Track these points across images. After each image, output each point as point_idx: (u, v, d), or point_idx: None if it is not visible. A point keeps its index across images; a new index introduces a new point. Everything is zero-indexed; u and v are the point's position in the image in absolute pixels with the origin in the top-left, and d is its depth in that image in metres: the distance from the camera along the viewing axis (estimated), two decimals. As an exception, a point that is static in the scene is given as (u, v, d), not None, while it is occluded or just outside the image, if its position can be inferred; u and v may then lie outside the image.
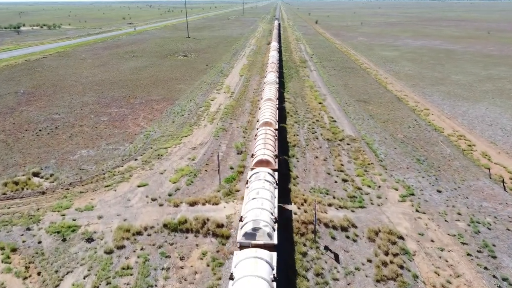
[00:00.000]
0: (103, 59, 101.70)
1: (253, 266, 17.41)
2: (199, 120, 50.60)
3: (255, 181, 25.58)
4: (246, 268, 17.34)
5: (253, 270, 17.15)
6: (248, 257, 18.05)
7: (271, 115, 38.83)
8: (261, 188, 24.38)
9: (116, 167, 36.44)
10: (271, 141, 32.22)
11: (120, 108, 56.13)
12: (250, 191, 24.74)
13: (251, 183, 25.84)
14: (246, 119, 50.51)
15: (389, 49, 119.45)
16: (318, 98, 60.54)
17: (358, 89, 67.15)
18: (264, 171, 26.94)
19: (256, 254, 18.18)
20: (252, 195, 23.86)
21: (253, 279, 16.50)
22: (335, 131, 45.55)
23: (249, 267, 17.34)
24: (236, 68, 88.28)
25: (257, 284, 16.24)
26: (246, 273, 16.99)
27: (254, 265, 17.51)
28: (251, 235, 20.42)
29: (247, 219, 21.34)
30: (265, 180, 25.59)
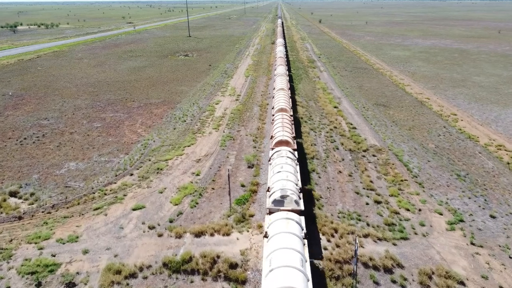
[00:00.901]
0: (100, 59, 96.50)
1: (286, 225, 19.30)
2: (203, 126, 45.39)
3: (278, 158, 27.41)
4: (279, 226, 19.23)
5: (286, 227, 19.03)
6: (280, 218, 20.01)
7: (285, 103, 40.92)
8: (284, 164, 26.04)
9: (108, 184, 31.20)
10: (288, 124, 34.43)
11: (115, 113, 50.90)
12: (274, 166, 26.48)
13: (274, 160, 27.56)
14: (256, 126, 45.27)
15: (399, 48, 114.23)
16: (332, 101, 55.30)
17: (374, 91, 61.91)
18: (285, 149, 28.85)
19: (288, 216, 20.13)
20: (276, 169, 25.65)
21: (287, 235, 18.35)
22: (357, 140, 40.28)
23: (282, 226, 19.25)
24: (240, 68, 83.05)
25: (290, 239, 18.04)
26: (279, 230, 18.89)
27: (286, 224, 19.39)
28: (280, 202, 22.31)
29: (274, 188, 23.30)
30: (287, 157, 27.26)
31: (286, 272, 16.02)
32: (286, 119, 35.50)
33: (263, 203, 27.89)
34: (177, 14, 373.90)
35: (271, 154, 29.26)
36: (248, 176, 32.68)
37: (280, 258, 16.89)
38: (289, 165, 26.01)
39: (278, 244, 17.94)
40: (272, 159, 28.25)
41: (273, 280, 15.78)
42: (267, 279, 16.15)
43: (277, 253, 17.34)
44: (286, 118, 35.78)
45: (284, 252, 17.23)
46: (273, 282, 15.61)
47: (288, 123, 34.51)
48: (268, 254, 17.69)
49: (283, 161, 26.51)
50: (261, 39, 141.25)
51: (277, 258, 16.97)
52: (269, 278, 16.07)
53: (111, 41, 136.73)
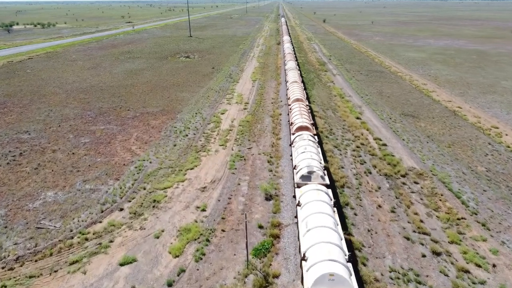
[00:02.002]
0: (96, 61, 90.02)
1: (316, 195, 21.93)
2: (208, 142, 38.91)
3: (300, 141, 29.62)
4: (311, 196, 21.92)
5: (316, 196, 21.70)
6: (311, 189, 22.73)
7: (300, 93, 43.96)
8: (307, 145, 28.38)
9: (91, 224, 24.75)
10: (306, 113, 37.11)
11: (107, 125, 44.43)
12: (297, 148, 28.72)
13: (297, 143, 29.70)
14: (269, 142, 38.79)
15: (413, 49, 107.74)
16: (353, 111, 48.81)
17: (397, 98, 55.41)
18: (306, 133, 31.32)
19: (317, 187, 22.91)
20: (300, 150, 27.93)
21: (318, 202, 21.04)
22: (391, 160, 33.77)
23: (313, 195, 21.90)
24: (246, 71, 76.52)
25: (322, 206, 20.70)
26: (311, 199, 21.58)
27: (317, 194, 22.03)
28: (307, 177, 24.87)
29: (301, 166, 25.72)
30: (309, 140, 29.69)
31: (322, 231, 18.28)
32: (303, 107, 38.76)
33: (290, 256, 21.48)
34: (177, 13, 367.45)
35: (293, 138, 32.03)
36: (267, 212, 26.19)
37: (315, 220, 19.20)
38: (311, 146, 28.67)
39: (311, 210, 20.35)
40: (294, 142, 30.85)
41: (311, 237, 18.05)
42: (305, 237, 18.44)
43: (312, 217, 19.66)
44: (303, 107, 39.01)
45: (318, 216, 19.57)
46: (311, 239, 17.81)
47: (305, 112, 37.55)
48: (303, 218, 20.12)
49: (305, 143, 29.14)
50: (266, 39, 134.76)
51: (312, 220, 19.23)
52: (307, 236, 18.36)
53: (109, 41, 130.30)
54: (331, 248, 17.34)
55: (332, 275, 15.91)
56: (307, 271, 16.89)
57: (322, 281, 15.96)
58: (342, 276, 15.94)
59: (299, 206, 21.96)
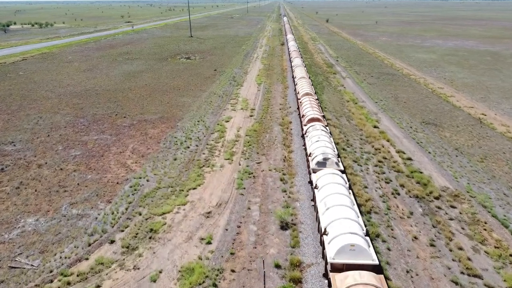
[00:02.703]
0: (92, 62, 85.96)
1: (332, 178, 23.64)
2: (212, 155, 34.85)
3: (313, 131, 31.52)
4: (327, 179, 23.62)
5: (332, 179, 23.36)
6: (327, 173, 24.48)
7: (308, 88, 45.91)
8: (320, 135, 30.41)
9: (76, 262, 20.74)
10: (316, 105, 38.92)
11: (101, 134, 40.39)
12: (311, 137, 30.70)
13: (310, 133, 31.62)
14: (280, 155, 34.73)
15: (422, 50, 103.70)
16: (369, 118, 44.77)
17: (414, 104, 51.37)
18: (318, 124, 33.14)
19: (333, 171, 24.66)
20: (314, 139, 29.93)
21: (334, 185, 22.60)
22: (420, 179, 29.71)
23: (329, 178, 23.62)
24: (250, 74, 72.46)
25: (338, 187, 22.28)
26: (328, 181, 23.27)
27: (332, 177, 23.75)
28: (322, 163, 26.73)
29: (316, 153, 27.74)
30: (322, 130, 31.72)
31: (340, 208, 20.15)
32: (313, 101, 40.74)
33: (317, 310, 17.40)
34: (177, 13, 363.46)
35: (305, 129, 33.73)
36: (283, 246, 22.14)
37: (333, 200, 21.05)
38: (324, 136, 30.29)
39: (328, 191, 22.06)
40: (308, 132, 32.38)
41: (330, 215, 19.97)
42: (325, 215, 20.44)
43: (330, 197, 21.48)
44: (313, 100, 40.99)
45: (336, 196, 21.35)
46: (331, 216, 19.76)
47: (316, 105, 39.73)
48: (321, 199, 21.86)
49: (318, 133, 30.75)
50: (269, 40, 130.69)
51: (330, 200, 21.11)
52: (326, 214, 20.36)
53: (107, 42, 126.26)
54: (350, 223, 19.00)
55: (353, 245, 17.40)
56: (329, 243, 18.40)
57: (344, 250, 17.46)
58: (362, 247, 17.47)
59: (316, 189, 23.60)
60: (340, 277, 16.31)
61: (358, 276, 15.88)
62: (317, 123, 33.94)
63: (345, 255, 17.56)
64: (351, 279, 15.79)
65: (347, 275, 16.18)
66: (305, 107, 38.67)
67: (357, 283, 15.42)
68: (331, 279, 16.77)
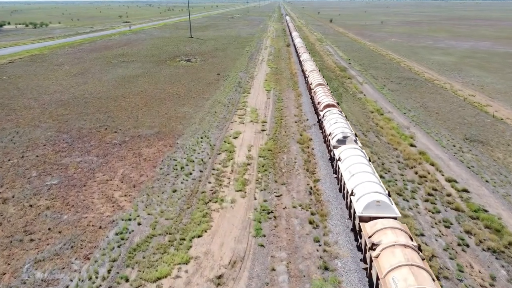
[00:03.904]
0: (85, 65, 79.16)
1: (353, 151, 26.43)
2: (220, 185, 28.13)
3: (331, 115, 34.24)
4: (349, 152, 26.49)
5: (354, 152, 26.27)
6: (349, 147, 27.33)
7: (321, 79, 49.26)
8: (337, 118, 33.07)
9: None
10: (330, 94, 42.59)
11: (86, 155, 33.63)
12: (329, 120, 33.33)
13: (327, 117, 34.38)
14: (304, 185, 28.01)
15: (438, 52, 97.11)
16: (403, 134, 38.11)
17: (448, 115, 44.73)
18: (334, 109, 36.10)
19: (354, 146, 27.55)
20: (333, 121, 32.62)
21: (356, 156, 25.39)
22: (489, 222, 23.06)
23: (351, 151, 26.47)
24: (257, 79, 65.75)
25: (359, 158, 25.11)
26: (350, 154, 26.11)
27: (353, 151, 26.56)
28: (342, 141, 29.23)
29: (335, 133, 30.29)
30: (338, 114, 34.66)
31: (364, 174, 22.75)
32: (326, 90, 43.43)
33: None
34: (177, 13, 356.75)
35: (323, 113, 36.19)
36: None
37: (356, 168, 23.74)
38: (341, 119, 33.24)
39: (352, 161, 24.92)
40: (325, 116, 35.12)
41: (355, 179, 22.67)
42: (350, 181, 23.04)
43: (353, 166, 24.20)
44: (326, 90, 43.60)
45: (359, 165, 24.09)
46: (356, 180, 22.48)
47: (329, 93, 42.39)
48: (346, 168, 24.69)
49: (336, 116, 33.64)
50: (273, 41, 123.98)
51: (354, 168, 23.84)
52: (352, 180, 22.92)
53: (102, 43, 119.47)
54: (374, 185, 21.68)
55: (378, 201, 20.08)
56: (357, 201, 20.90)
57: (370, 206, 20.05)
58: (386, 203, 20.19)
59: (340, 161, 25.94)
60: (370, 225, 18.75)
61: (386, 222, 18.34)
62: (333, 108, 36.69)
63: (371, 210, 19.94)
64: (380, 224, 18.24)
65: (376, 222, 18.62)
66: (320, 95, 41.41)
67: (385, 227, 17.82)
68: (361, 227, 19.08)
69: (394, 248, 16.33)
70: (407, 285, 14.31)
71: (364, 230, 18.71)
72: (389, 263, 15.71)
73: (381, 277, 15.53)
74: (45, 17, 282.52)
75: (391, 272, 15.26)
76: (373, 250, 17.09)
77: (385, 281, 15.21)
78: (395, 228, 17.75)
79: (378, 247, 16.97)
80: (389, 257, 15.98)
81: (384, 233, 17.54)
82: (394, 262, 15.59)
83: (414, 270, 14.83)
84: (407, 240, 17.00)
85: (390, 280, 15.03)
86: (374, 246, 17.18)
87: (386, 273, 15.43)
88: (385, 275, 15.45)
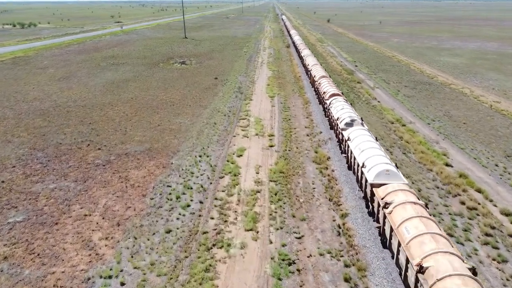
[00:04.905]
0: (71, 68, 73.15)
1: (361, 132, 28.73)
2: (226, 221, 22.66)
3: (337, 102, 36.98)
4: (357, 132, 28.71)
5: (362, 132, 28.56)
6: (356, 129, 29.62)
7: (324, 72, 52.08)
8: (344, 104, 35.85)
9: None
10: (334, 85, 45.22)
11: (62, 180, 27.91)
12: (336, 107, 35.97)
13: (334, 104, 37.09)
14: (330, 221, 22.63)
15: (445, 53, 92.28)
16: (434, 151, 32.99)
17: (478, 126, 39.57)
18: (340, 97, 38.93)
19: (361, 128, 29.90)
20: (339, 107, 35.15)
21: (364, 136, 27.72)
22: None
23: (359, 132, 28.78)
24: (259, 84, 60.27)
25: (368, 137, 27.44)
26: (358, 134, 28.33)
27: (361, 131, 28.82)
28: (350, 124, 31.18)
29: (343, 117, 32.45)
30: (343, 101, 37.45)
31: (373, 150, 25.09)
32: (330, 82, 46.48)
33: None
34: (170, 13, 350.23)
35: (329, 101, 38.86)
36: None
37: (365, 145, 26.05)
38: (347, 105, 35.85)
39: (361, 139, 27.16)
40: (331, 104, 37.73)
41: (365, 154, 24.95)
42: (360, 156, 25.28)
43: (363, 143, 26.52)
44: (330, 81, 46.86)
45: (367, 142, 26.41)
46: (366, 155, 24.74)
47: (333, 85, 45.40)
48: (356, 145, 26.90)
49: (342, 103, 36.19)
50: (271, 41, 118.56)
51: (364, 145, 26.10)
52: (362, 155, 25.17)
53: (92, 44, 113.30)
54: (383, 158, 24.01)
55: (388, 170, 22.17)
56: (368, 171, 23.06)
57: (381, 174, 22.16)
58: (395, 171, 22.41)
59: (349, 141, 28.41)
60: (382, 189, 21.01)
61: (396, 185, 20.67)
62: (338, 96, 39.22)
63: (382, 178, 22.11)
64: (391, 188, 20.50)
65: (387, 186, 20.90)
66: (325, 86, 44.06)
67: (396, 189, 20.05)
68: (374, 192, 21.28)
69: (405, 205, 18.39)
70: (418, 231, 16.38)
71: (377, 194, 20.79)
72: (401, 217, 17.77)
73: (395, 228, 17.61)
74: (36, 17, 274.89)
75: (404, 223, 17.34)
76: (386, 208, 19.10)
77: (398, 231, 17.36)
78: (404, 190, 19.88)
79: (390, 205, 18.98)
80: (401, 212, 18.06)
81: (396, 194, 19.63)
82: (405, 215, 17.63)
83: (423, 220, 16.91)
84: (415, 199, 19.14)
85: (403, 229, 17.18)
86: (387, 204, 19.25)
87: (399, 224, 17.51)
88: (398, 226, 17.55)
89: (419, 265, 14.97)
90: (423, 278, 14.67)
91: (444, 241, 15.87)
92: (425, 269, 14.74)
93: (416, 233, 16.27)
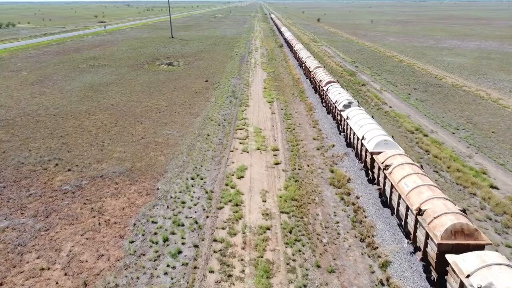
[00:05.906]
0: (46, 71, 66.43)
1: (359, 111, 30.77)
2: (229, 276, 17.45)
3: (333, 88, 38.85)
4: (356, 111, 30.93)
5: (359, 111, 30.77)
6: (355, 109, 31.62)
7: (318, 63, 54.16)
8: (340, 89, 37.97)
9: None
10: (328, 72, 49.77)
11: (17, 215, 21.80)
12: (333, 92, 37.90)
13: (331, 90, 38.94)
14: (367, 274, 17.31)
15: (447, 53, 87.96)
16: (472, 168, 27.61)
17: (510, 135, 34.38)
18: (336, 84, 40.95)
19: (358, 108, 32.19)
20: (336, 92, 37.23)
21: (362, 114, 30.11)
22: None
23: (357, 111, 30.81)
24: (254, 87, 54.57)
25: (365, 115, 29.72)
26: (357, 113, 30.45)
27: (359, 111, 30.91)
28: (347, 106, 33.08)
29: (341, 100, 34.50)
30: (340, 87, 39.11)
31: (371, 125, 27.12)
32: (326, 71, 48.49)
33: None
34: (156, 13, 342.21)
35: (326, 88, 40.62)
36: None
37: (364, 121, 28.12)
38: (343, 90, 37.92)
39: (359, 117, 29.30)
40: (329, 90, 39.48)
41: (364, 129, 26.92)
42: (360, 130, 27.30)
43: (361, 120, 28.62)
44: (325, 70, 49.02)
45: (366, 119, 28.50)
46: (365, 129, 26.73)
47: (328, 73, 47.88)
48: (355, 122, 28.93)
49: (339, 89, 38.19)
50: (263, 41, 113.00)
51: (362, 121, 28.20)
52: (361, 130, 27.21)
53: (72, 44, 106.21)
54: (380, 131, 26.04)
55: (386, 141, 24.34)
56: (368, 142, 25.18)
57: (380, 144, 24.26)
58: (392, 141, 24.54)
59: (348, 119, 30.41)
60: (381, 155, 22.77)
61: (394, 151, 22.58)
62: (334, 83, 40.85)
63: (380, 147, 24.18)
64: (389, 153, 22.34)
65: (386, 153, 22.64)
66: (321, 75, 46.06)
67: (394, 154, 21.99)
68: (374, 159, 23.32)
69: (403, 165, 20.51)
70: (416, 184, 18.51)
71: (377, 160, 22.64)
72: (400, 174, 19.90)
73: (395, 184, 19.67)
74: (16, 17, 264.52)
75: (403, 179, 19.45)
76: (386, 170, 21.15)
77: (398, 186, 19.44)
78: (402, 155, 21.90)
79: (390, 167, 21.10)
80: (400, 171, 20.16)
81: (394, 158, 21.68)
82: (404, 173, 19.78)
83: (420, 176, 19.11)
84: (412, 162, 20.97)
85: (403, 184, 19.27)
86: (387, 166, 21.34)
87: (399, 181, 19.66)
88: (398, 182, 19.67)
89: (418, 209, 16.92)
90: (422, 218, 16.57)
91: (439, 191, 17.78)
92: (423, 211, 16.73)
93: (414, 186, 18.33)
